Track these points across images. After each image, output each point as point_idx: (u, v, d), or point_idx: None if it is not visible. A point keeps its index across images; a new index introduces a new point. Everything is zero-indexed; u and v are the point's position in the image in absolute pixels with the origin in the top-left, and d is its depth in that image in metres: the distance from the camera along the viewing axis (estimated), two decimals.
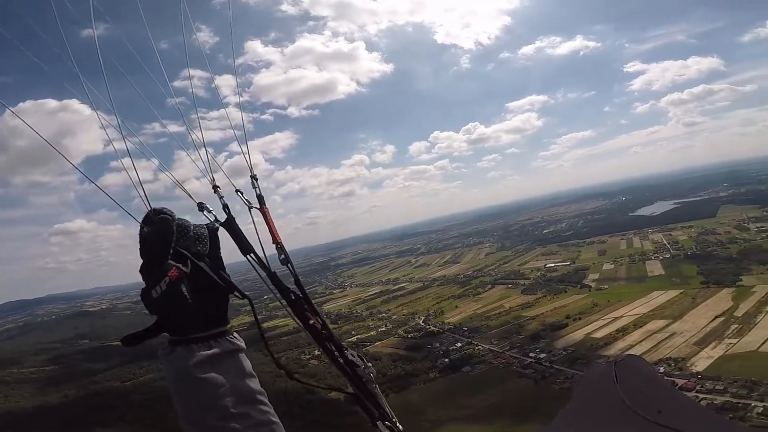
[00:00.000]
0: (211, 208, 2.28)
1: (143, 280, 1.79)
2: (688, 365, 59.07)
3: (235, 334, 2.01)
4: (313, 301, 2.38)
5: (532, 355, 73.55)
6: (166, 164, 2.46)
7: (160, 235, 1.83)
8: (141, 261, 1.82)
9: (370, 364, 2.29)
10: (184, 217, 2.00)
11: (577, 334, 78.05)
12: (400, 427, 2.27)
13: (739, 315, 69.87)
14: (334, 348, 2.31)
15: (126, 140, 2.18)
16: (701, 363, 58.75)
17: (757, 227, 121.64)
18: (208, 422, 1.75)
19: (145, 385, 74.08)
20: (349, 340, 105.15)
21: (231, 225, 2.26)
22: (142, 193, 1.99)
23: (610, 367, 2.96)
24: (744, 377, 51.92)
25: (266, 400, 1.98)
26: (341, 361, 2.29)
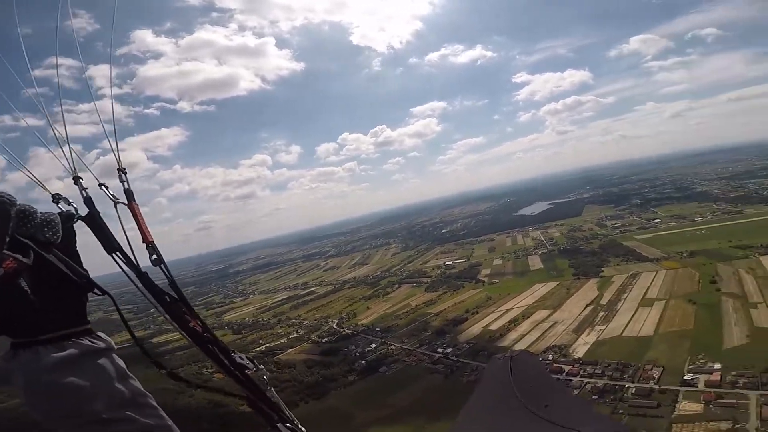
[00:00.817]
0: (70, 201, 2.10)
1: None
2: (571, 351, 66.99)
3: (101, 334, 1.88)
4: (194, 306, 2.26)
5: (440, 350, 77.89)
6: (19, 162, 2.23)
7: None
8: None
9: (261, 366, 2.29)
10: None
11: (476, 328, 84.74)
12: (303, 428, 2.28)
13: (604, 303, 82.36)
14: (219, 352, 2.19)
15: None
16: (580, 349, 67.09)
17: (612, 224, 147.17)
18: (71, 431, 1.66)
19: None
20: (257, 349, 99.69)
21: (94, 220, 2.09)
22: None
23: (506, 363, 3.21)
24: (615, 360, 60.22)
25: (152, 402, 1.94)
26: (229, 364, 2.22)
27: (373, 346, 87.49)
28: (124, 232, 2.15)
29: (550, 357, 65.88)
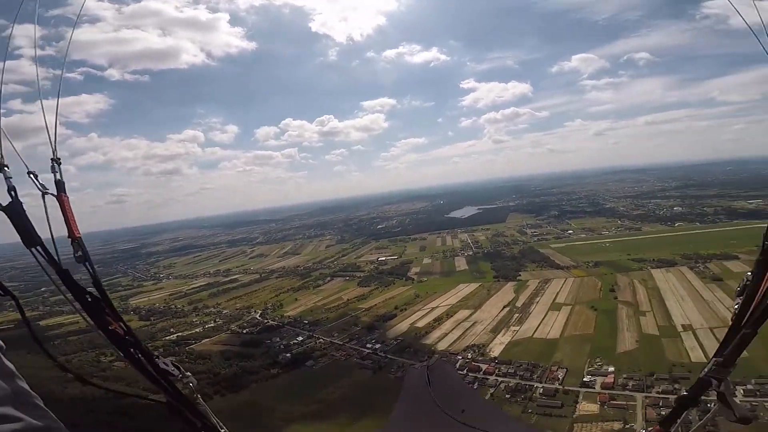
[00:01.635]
0: None
1: None
2: (488, 351, 70.47)
3: None
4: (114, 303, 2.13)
5: (369, 346, 78.02)
6: None
7: None
8: None
9: (188, 374, 2.16)
10: None
11: (404, 324, 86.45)
12: None
13: (519, 305, 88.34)
14: (141, 356, 2.07)
15: None
16: (496, 348, 70.92)
17: (532, 232, 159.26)
18: None
19: None
20: (167, 338, 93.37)
21: (15, 210, 1.91)
22: None
23: (423, 372, 3.32)
24: (526, 361, 64.62)
25: (40, 403, 1.83)
26: (152, 370, 2.08)
27: (300, 339, 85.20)
28: (49, 225, 2.05)
29: (470, 356, 69.02)
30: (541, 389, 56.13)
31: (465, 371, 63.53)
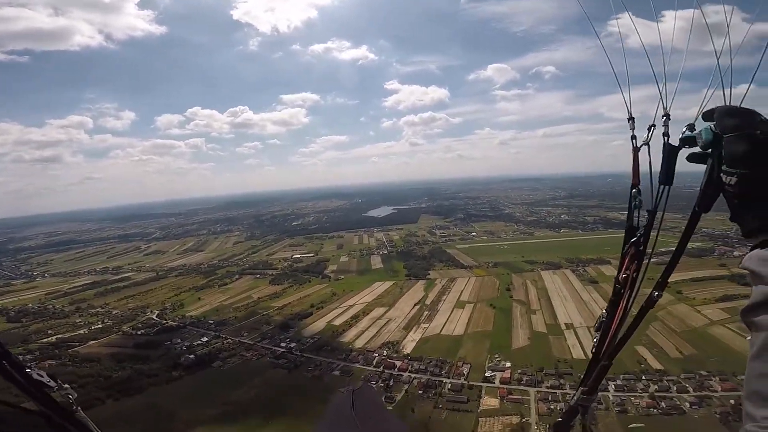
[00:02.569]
0: None
1: None
2: (401, 348, 72.67)
3: None
4: None
5: (283, 345, 75.62)
6: None
7: None
8: None
9: (66, 386, 2.03)
10: None
11: (321, 323, 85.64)
12: None
13: (428, 303, 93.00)
14: (10, 366, 1.85)
15: None
16: (409, 345, 73.49)
17: (440, 233, 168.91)
18: None
19: None
20: (44, 340, 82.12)
21: None
22: None
23: (349, 396, 3.41)
24: (435, 357, 67.65)
25: None
26: (24, 382, 1.90)
27: (205, 339, 79.67)
28: None
29: (385, 353, 70.96)
30: (449, 385, 59.39)
31: (381, 368, 65.27)
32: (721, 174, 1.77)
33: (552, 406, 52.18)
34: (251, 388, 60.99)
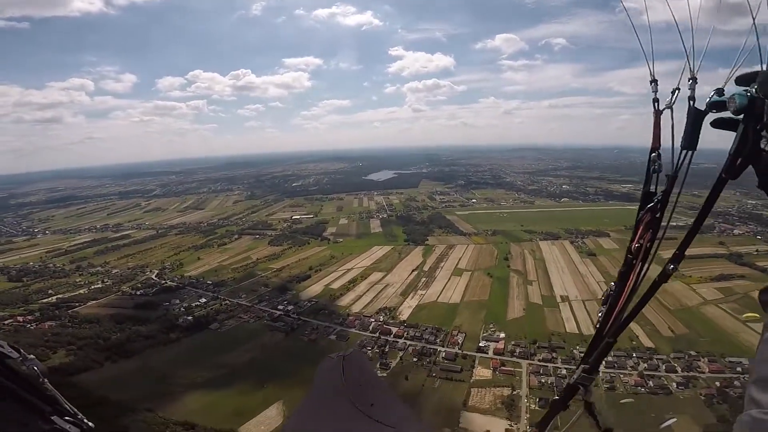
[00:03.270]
0: None
1: None
2: (398, 314, 73.34)
3: None
4: None
5: (280, 308, 76.27)
6: None
7: None
8: None
9: (31, 356, 1.87)
10: None
11: (319, 286, 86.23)
12: (89, 423, 1.96)
13: (426, 269, 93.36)
14: None
15: None
16: (405, 312, 74.14)
17: (440, 199, 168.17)
18: None
19: None
20: (45, 300, 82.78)
21: None
22: None
23: (338, 363, 3.38)
24: (431, 324, 68.49)
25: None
26: None
27: (203, 300, 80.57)
28: None
29: (382, 318, 71.85)
30: (444, 353, 60.27)
31: (377, 334, 66.18)
32: (762, 138, 1.71)
33: (543, 380, 53.22)
34: (248, 351, 62.13)
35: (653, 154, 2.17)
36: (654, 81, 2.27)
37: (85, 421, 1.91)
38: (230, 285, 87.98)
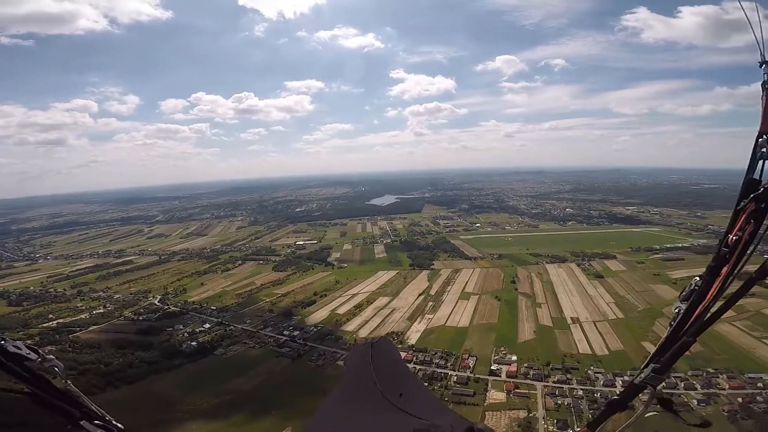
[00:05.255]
0: None
1: None
2: (406, 338, 71.86)
3: None
4: None
5: (286, 333, 74.91)
6: None
7: None
8: None
9: (51, 357, 1.80)
10: None
11: (324, 311, 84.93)
12: (118, 424, 1.87)
13: (432, 293, 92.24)
14: None
15: None
16: (413, 336, 72.73)
17: (444, 223, 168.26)
18: None
19: None
20: (45, 325, 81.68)
21: None
22: None
23: (367, 350, 3.31)
24: (440, 348, 66.94)
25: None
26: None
27: (207, 326, 79.22)
28: None
29: None
30: (455, 377, 58.71)
31: None
32: None
33: (559, 401, 51.71)
34: (253, 377, 60.42)
35: (761, 138, 1.96)
36: (764, 63, 2.11)
37: (115, 422, 1.85)
38: (235, 310, 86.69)
